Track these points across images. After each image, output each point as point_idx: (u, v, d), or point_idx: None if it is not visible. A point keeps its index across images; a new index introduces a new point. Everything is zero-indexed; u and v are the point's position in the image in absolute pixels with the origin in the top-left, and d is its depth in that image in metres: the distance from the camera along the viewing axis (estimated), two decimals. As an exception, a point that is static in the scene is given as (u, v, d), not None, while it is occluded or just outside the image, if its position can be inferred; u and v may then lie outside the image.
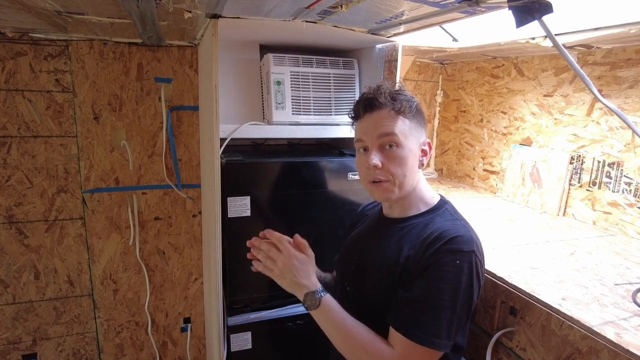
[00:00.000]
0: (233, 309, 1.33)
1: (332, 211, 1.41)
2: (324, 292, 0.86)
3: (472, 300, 0.79)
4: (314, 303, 0.84)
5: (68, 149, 1.55)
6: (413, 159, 0.88)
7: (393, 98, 0.87)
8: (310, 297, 0.85)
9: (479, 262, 0.79)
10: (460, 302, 0.77)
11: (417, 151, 0.89)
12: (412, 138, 0.88)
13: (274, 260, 0.90)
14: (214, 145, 1.15)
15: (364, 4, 0.92)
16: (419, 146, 0.89)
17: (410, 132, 0.87)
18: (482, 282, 0.83)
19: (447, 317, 0.76)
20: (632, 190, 1.33)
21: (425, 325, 0.76)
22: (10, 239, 1.54)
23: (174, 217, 1.74)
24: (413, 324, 0.76)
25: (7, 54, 1.41)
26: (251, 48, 1.51)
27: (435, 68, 2.20)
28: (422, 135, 0.90)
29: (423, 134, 0.91)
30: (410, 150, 0.87)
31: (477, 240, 0.82)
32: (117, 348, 1.78)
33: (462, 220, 0.88)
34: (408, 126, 0.87)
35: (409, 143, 0.87)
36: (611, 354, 0.74)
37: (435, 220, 0.87)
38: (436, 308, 0.76)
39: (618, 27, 1.06)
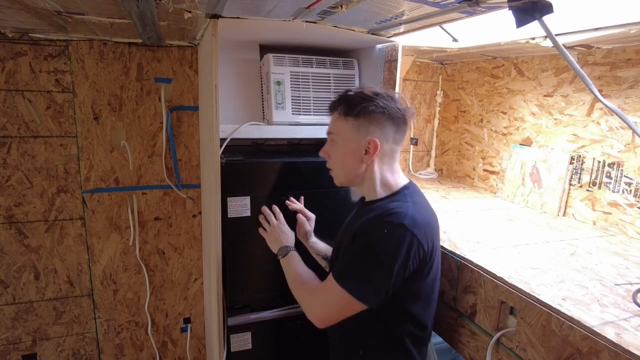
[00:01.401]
0: (233, 309, 1.33)
1: (332, 211, 1.41)
2: (293, 249, 1.13)
3: (392, 270, 0.87)
4: (283, 253, 1.11)
5: (68, 149, 1.55)
6: (351, 155, 0.98)
7: (343, 100, 0.98)
8: (282, 249, 1.12)
9: (408, 234, 0.87)
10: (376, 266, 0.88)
11: (358, 149, 0.97)
12: (353, 137, 0.96)
13: (268, 225, 1.20)
14: (214, 145, 1.15)
15: (364, 4, 0.92)
16: (360, 145, 0.96)
17: (351, 131, 0.96)
18: (419, 259, 0.90)
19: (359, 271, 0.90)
20: (632, 190, 1.33)
21: (342, 272, 0.92)
22: (10, 239, 1.54)
23: (174, 217, 1.74)
24: (338, 269, 0.94)
25: (7, 54, 1.41)
26: (251, 48, 1.51)
27: (435, 68, 2.20)
28: (368, 135, 0.96)
29: (370, 134, 0.96)
30: (348, 148, 0.97)
31: (414, 216, 0.90)
32: (117, 348, 1.78)
33: (411, 201, 0.95)
34: (349, 127, 0.96)
35: (348, 141, 0.97)
36: (611, 354, 0.74)
37: (389, 202, 0.96)
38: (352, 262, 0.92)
39: (618, 27, 1.06)
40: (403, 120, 0.99)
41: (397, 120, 0.98)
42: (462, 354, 1.09)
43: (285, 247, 1.13)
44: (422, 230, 0.90)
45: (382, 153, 0.98)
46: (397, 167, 1.03)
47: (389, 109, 0.96)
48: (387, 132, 0.97)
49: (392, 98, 0.98)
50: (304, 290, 1.01)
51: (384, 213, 0.91)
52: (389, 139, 0.98)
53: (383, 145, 0.97)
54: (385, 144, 0.98)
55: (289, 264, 1.09)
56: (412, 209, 0.92)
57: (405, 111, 0.99)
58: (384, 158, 0.99)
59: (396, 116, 0.97)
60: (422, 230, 0.90)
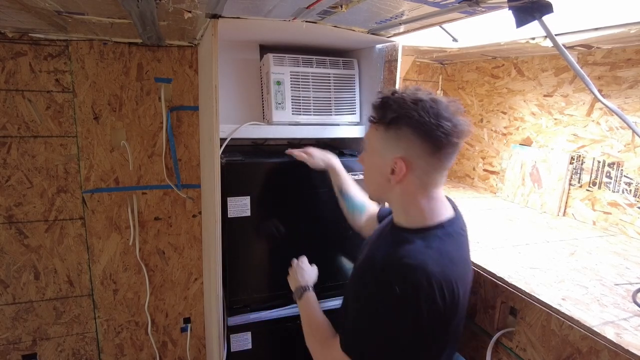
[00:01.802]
0: (233, 309, 1.33)
1: (332, 211, 1.40)
2: (309, 289, 1.07)
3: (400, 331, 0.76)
4: (298, 294, 1.07)
5: (68, 149, 1.55)
6: (377, 170, 0.85)
7: (380, 105, 0.84)
8: (298, 290, 1.08)
9: (422, 296, 0.73)
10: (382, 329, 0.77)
11: (384, 165, 0.82)
12: (380, 150, 0.83)
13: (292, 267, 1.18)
14: (214, 145, 1.15)
15: (364, 4, 0.92)
16: (385, 161, 0.82)
17: (378, 143, 0.84)
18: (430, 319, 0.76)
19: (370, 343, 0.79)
20: (632, 190, 1.33)
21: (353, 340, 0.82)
22: (10, 239, 1.54)
23: (174, 217, 1.74)
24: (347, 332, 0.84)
25: (7, 54, 1.41)
26: (251, 48, 1.51)
27: (435, 68, 2.19)
28: (396, 152, 0.81)
29: (398, 151, 0.80)
30: (374, 161, 0.86)
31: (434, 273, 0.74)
32: (117, 348, 1.78)
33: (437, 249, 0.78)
34: (379, 137, 0.84)
35: (374, 154, 0.86)
36: (611, 354, 0.74)
37: (414, 242, 0.80)
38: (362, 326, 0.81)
39: (618, 27, 1.06)
40: (448, 142, 0.78)
41: (437, 141, 0.77)
42: (462, 354, 1.09)
43: (301, 287, 1.08)
44: (443, 289, 0.75)
45: (415, 176, 0.81)
46: (438, 195, 0.84)
47: (427, 125, 0.77)
48: (420, 152, 0.79)
49: (438, 109, 0.78)
50: (314, 339, 0.95)
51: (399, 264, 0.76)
52: (424, 162, 0.80)
53: (415, 168, 0.80)
54: (419, 166, 0.80)
55: (303, 307, 1.04)
56: (433, 260, 0.76)
57: (452, 130, 0.77)
58: (418, 181, 0.82)
59: (436, 135, 0.77)
60: (443, 289, 0.75)
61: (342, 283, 1.47)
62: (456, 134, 0.78)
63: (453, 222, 0.86)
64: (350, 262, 1.48)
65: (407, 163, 0.80)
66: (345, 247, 1.46)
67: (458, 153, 0.83)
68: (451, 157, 0.81)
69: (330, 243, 1.44)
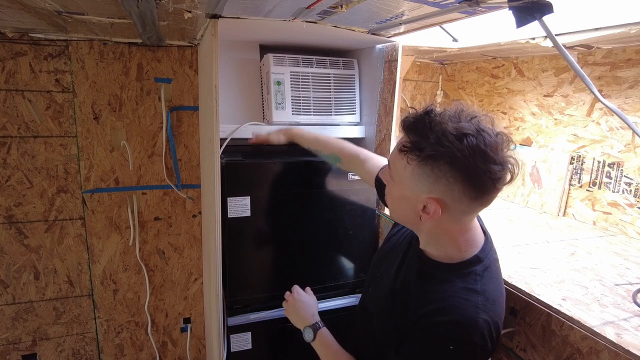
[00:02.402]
0: (233, 309, 1.33)
1: (333, 211, 1.41)
2: (319, 325, 1.00)
3: None
4: (310, 336, 0.99)
5: (68, 149, 1.54)
6: (406, 203, 0.75)
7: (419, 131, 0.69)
8: (308, 330, 1.00)
9: (478, 350, 0.69)
10: None
11: (416, 202, 0.73)
12: (411, 186, 0.72)
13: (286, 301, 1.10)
14: (214, 145, 1.15)
15: (364, 4, 0.91)
16: (418, 198, 0.72)
17: (409, 179, 0.72)
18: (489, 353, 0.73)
19: None
20: (632, 190, 1.33)
21: None
22: (10, 239, 1.54)
23: (174, 217, 1.74)
24: None
25: (7, 54, 1.41)
26: (251, 48, 1.51)
27: (435, 68, 2.19)
28: (431, 192, 0.70)
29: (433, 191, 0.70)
30: (403, 194, 0.75)
31: (487, 322, 0.70)
32: (117, 348, 1.78)
33: (482, 292, 0.72)
34: (410, 172, 0.71)
35: (403, 188, 0.74)
36: (611, 355, 0.74)
37: (453, 284, 0.74)
38: None
39: (618, 27, 1.06)
40: (494, 189, 0.69)
41: (483, 187, 0.68)
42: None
43: (311, 325, 1.00)
44: (492, 334, 0.71)
45: (451, 215, 0.72)
46: (473, 225, 0.77)
47: (474, 169, 0.65)
48: (460, 196, 0.69)
49: (486, 148, 0.65)
50: None
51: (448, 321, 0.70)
52: (464, 205, 0.71)
53: (452, 210, 0.71)
54: (456, 209, 0.71)
55: (322, 348, 0.97)
56: (480, 309, 0.70)
57: (501, 175, 0.67)
58: (454, 220, 0.74)
59: (481, 181, 0.67)
60: (492, 334, 0.71)
61: (342, 283, 1.48)
62: (503, 180, 0.68)
63: (487, 250, 0.78)
64: (351, 262, 1.48)
65: (442, 205, 0.70)
66: (346, 246, 1.46)
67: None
68: (494, 199, 0.72)
69: (331, 243, 1.44)
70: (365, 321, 0.97)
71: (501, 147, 0.68)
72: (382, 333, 0.88)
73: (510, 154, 0.69)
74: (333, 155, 1.19)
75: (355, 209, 1.43)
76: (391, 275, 0.88)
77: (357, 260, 1.48)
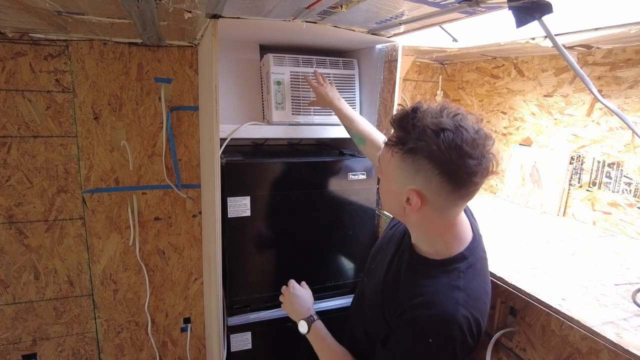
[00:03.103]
0: (233, 309, 1.33)
1: (332, 211, 1.41)
2: (313, 318, 1.02)
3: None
4: (305, 328, 1.02)
5: (68, 149, 1.55)
6: (391, 195, 0.79)
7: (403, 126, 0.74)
8: (303, 323, 1.02)
9: (457, 343, 0.73)
10: None
11: (400, 194, 0.76)
12: (395, 178, 0.76)
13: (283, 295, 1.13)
14: (214, 145, 1.15)
15: (364, 4, 0.92)
16: (401, 190, 0.76)
17: (393, 171, 0.76)
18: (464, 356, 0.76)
19: None
20: (632, 190, 1.33)
21: None
22: (10, 239, 1.54)
23: (174, 217, 1.74)
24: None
25: (7, 54, 1.41)
26: (251, 48, 1.51)
27: (435, 68, 2.19)
28: (411, 184, 0.74)
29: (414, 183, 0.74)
30: (389, 186, 0.79)
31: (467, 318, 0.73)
32: (117, 348, 1.78)
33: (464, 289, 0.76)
34: (394, 164, 0.75)
35: (389, 179, 0.79)
36: (611, 354, 0.74)
37: (437, 279, 0.77)
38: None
39: (618, 27, 1.06)
40: (470, 182, 0.71)
41: (459, 180, 0.71)
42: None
43: (306, 318, 1.02)
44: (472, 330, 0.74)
45: (433, 208, 0.75)
46: (459, 221, 0.80)
47: (449, 163, 0.69)
48: (438, 189, 0.72)
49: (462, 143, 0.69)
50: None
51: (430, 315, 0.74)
52: (443, 198, 0.73)
53: (431, 202, 0.74)
54: (436, 202, 0.74)
55: (316, 340, 1.00)
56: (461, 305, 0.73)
57: (476, 169, 0.70)
58: (437, 213, 0.76)
59: (457, 175, 0.70)
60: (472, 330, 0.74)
61: (343, 283, 1.48)
62: (481, 173, 0.71)
63: (473, 247, 0.81)
64: (351, 262, 1.48)
65: (422, 197, 0.74)
66: (346, 246, 1.46)
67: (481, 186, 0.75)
68: (474, 193, 0.75)
69: (331, 243, 1.44)
70: (359, 312, 0.99)
71: (479, 143, 0.71)
72: (372, 324, 0.91)
73: (489, 150, 0.73)
74: (360, 135, 1.24)
75: (355, 209, 1.43)
76: (384, 267, 0.92)
77: (357, 261, 1.48)
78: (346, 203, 1.41)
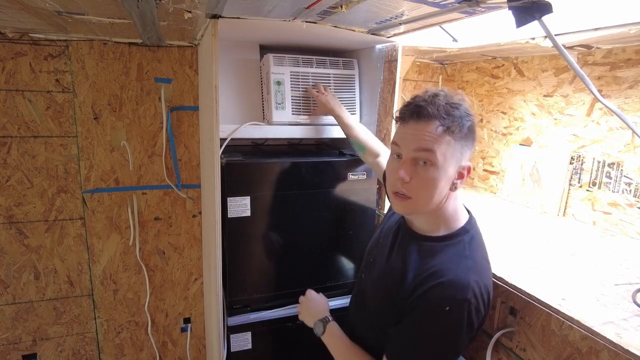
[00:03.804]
0: (233, 309, 1.33)
1: (332, 211, 1.41)
2: (328, 320, 1.03)
3: (460, 347, 0.79)
4: (320, 329, 1.02)
5: (68, 149, 1.55)
6: (445, 181, 0.81)
7: (446, 112, 0.78)
8: (318, 324, 1.03)
9: (472, 309, 0.76)
10: (444, 349, 0.78)
11: (454, 174, 0.82)
12: (452, 160, 0.80)
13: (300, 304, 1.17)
14: (214, 145, 1.15)
15: (364, 4, 0.92)
16: (457, 169, 0.82)
17: (452, 154, 0.80)
18: (480, 322, 0.80)
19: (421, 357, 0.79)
20: (632, 190, 1.33)
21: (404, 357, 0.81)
22: (10, 239, 1.54)
23: (174, 217, 1.74)
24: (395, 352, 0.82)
25: (7, 54, 1.41)
26: (251, 48, 1.51)
27: (435, 68, 2.19)
28: (465, 158, 0.82)
29: (467, 155, 0.83)
30: (445, 172, 0.80)
31: (477, 283, 0.77)
32: (117, 348, 1.78)
33: (471, 257, 0.81)
34: (452, 147, 0.79)
35: (446, 165, 0.79)
36: (611, 354, 0.74)
37: (445, 251, 0.82)
38: (416, 351, 0.80)
39: (618, 27, 1.06)
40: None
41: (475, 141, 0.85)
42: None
43: (321, 319, 1.03)
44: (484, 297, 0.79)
45: None
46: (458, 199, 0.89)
47: (475, 131, 0.83)
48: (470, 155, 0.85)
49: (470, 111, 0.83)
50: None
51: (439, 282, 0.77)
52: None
53: None
54: None
55: (331, 341, 1.00)
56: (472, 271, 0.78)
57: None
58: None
59: (475, 137, 0.84)
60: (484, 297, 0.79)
61: (343, 283, 1.48)
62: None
63: (472, 222, 0.88)
64: (351, 262, 1.48)
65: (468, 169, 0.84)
66: (346, 246, 1.46)
67: None
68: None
69: (331, 243, 1.44)
70: (361, 309, 1.00)
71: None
72: (378, 315, 0.92)
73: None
74: (360, 143, 1.31)
75: (355, 209, 1.43)
76: (384, 257, 0.94)
77: (357, 260, 1.48)
78: (346, 203, 1.41)
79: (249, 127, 1.36)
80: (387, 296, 0.88)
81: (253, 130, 1.37)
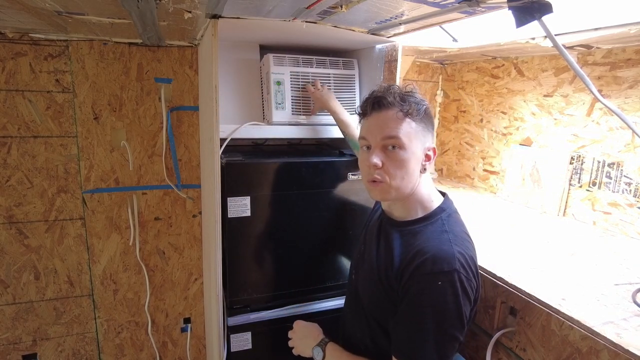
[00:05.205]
0: (233, 309, 1.33)
1: (332, 211, 1.41)
2: (326, 340, 1.00)
3: (463, 317, 0.79)
4: (320, 355, 0.99)
5: (68, 149, 1.55)
6: (415, 162, 0.87)
7: (402, 99, 0.87)
8: (316, 350, 1.00)
9: (463, 278, 0.78)
10: (448, 322, 0.78)
11: (421, 155, 0.89)
12: (417, 141, 0.87)
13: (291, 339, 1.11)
14: (214, 145, 1.15)
15: (364, 4, 0.92)
16: (423, 150, 0.89)
17: (415, 135, 0.87)
18: (475, 295, 0.82)
19: (433, 339, 0.78)
20: (632, 190, 1.33)
21: (413, 350, 0.80)
22: (10, 239, 1.54)
23: (174, 217, 1.74)
24: (404, 350, 0.81)
25: (7, 54, 1.41)
26: (251, 48, 1.51)
27: (435, 68, 2.20)
28: (428, 140, 0.90)
29: (429, 138, 0.90)
30: (413, 154, 0.87)
31: (462, 254, 0.80)
32: (117, 348, 1.78)
33: (451, 231, 0.85)
34: (414, 129, 0.86)
35: (412, 146, 0.86)
36: (611, 354, 0.74)
37: (425, 230, 0.86)
38: (421, 332, 0.79)
39: (618, 27, 1.06)
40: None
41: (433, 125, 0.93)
42: (462, 354, 1.10)
43: (318, 344, 1.01)
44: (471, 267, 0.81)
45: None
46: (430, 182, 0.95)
47: (431, 116, 0.91)
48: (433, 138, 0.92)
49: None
50: None
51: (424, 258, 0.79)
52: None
53: None
54: None
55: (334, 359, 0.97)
56: (455, 246, 0.81)
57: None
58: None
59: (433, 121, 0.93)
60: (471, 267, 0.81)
61: (343, 283, 1.48)
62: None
63: (448, 203, 0.93)
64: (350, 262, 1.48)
65: (434, 150, 0.91)
66: (346, 246, 1.46)
67: None
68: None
69: (331, 243, 1.44)
70: (356, 309, 1.00)
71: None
72: (373, 309, 0.93)
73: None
74: (355, 141, 1.27)
75: (355, 209, 1.43)
76: (371, 251, 0.96)
77: (357, 260, 1.48)
78: (346, 203, 1.41)
79: (249, 127, 1.36)
80: (379, 285, 0.89)
81: (253, 130, 1.37)
